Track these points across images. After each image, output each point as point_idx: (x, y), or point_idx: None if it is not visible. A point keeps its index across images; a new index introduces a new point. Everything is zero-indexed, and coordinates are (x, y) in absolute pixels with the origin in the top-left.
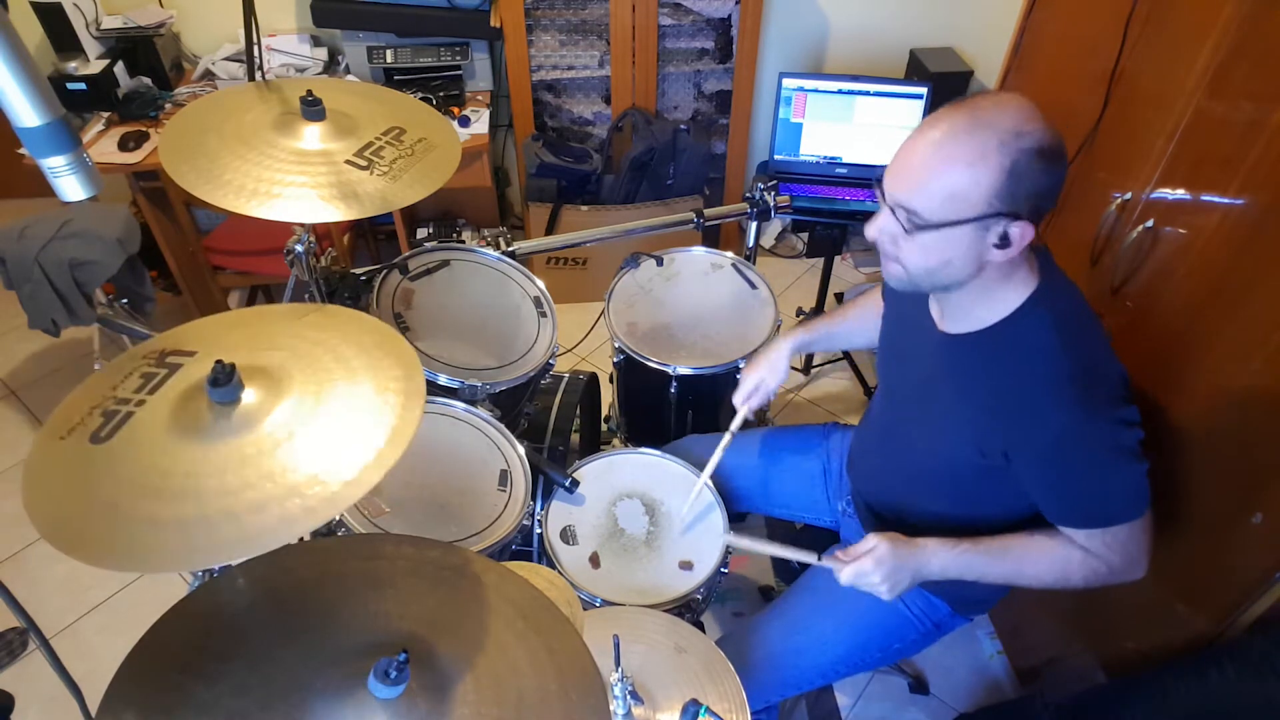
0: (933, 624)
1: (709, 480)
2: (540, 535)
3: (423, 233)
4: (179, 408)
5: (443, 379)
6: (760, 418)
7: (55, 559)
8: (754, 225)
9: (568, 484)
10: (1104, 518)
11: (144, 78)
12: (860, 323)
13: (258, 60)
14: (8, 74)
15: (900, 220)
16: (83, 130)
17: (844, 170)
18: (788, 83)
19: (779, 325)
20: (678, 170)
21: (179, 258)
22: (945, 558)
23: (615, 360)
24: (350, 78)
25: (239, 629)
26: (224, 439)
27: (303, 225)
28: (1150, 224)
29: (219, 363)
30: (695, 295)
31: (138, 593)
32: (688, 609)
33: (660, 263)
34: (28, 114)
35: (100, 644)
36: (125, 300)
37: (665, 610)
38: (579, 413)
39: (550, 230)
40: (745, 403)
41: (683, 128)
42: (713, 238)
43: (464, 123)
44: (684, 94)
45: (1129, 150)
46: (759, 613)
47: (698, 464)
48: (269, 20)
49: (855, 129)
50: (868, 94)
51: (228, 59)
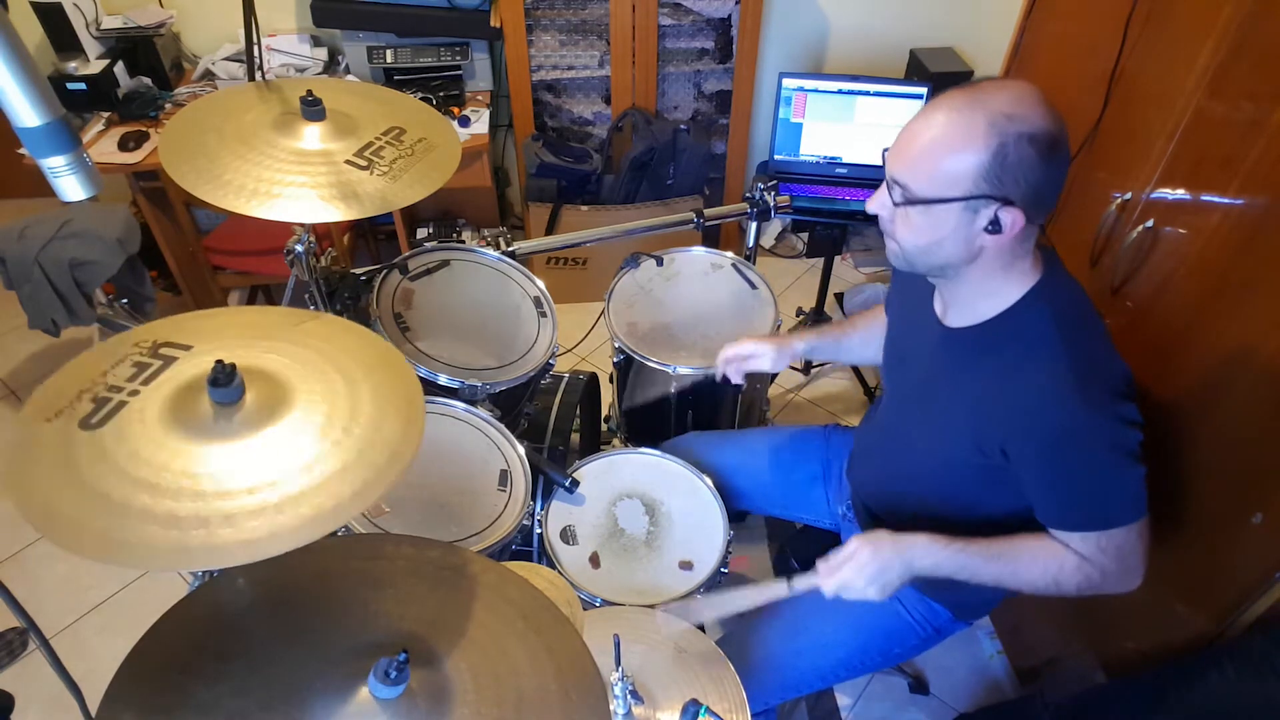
0: (933, 629)
1: (708, 480)
2: (540, 535)
3: (423, 233)
4: (176, 403)
5: (443, 379)
6: (760, 418)
7: (55, 559)
8: (754, 225)
9: (568, 484)
10: (1100, 520)
11: (144, 78)
12: (866, 335)
13: (258, 60)
14: (8, 74)
15: (894, 195)
16: (83, 130)
17: (844, 170)
18: (788, 83)
19: (779, 325)
20: (678, 170)
21: (179, 258)
22: (938, 555)
23: (615, 360)
24: (350, 78)
25: (239, 629)
26: (223, 439)
27: (303, 225)
28: (1150, 224)
29: (219, 362)
30: (695, 295)
31: (138, 593)
32: None
33: (660, 263)
34: (28, 114)
35: (100, 644)
36: (125, 300)
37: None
38: (579, 413)
39: (550, 230)
40: (727, 363)
41: (683, 128)
42: (713, 238)
43: (464, 123)
44: (684, 94)
45: (1129, 150)
46: (759, 614)
47: (697, 463)
48: (269, 20)
49: (855, 129)
50: (868, 94)
51: (228, 59)
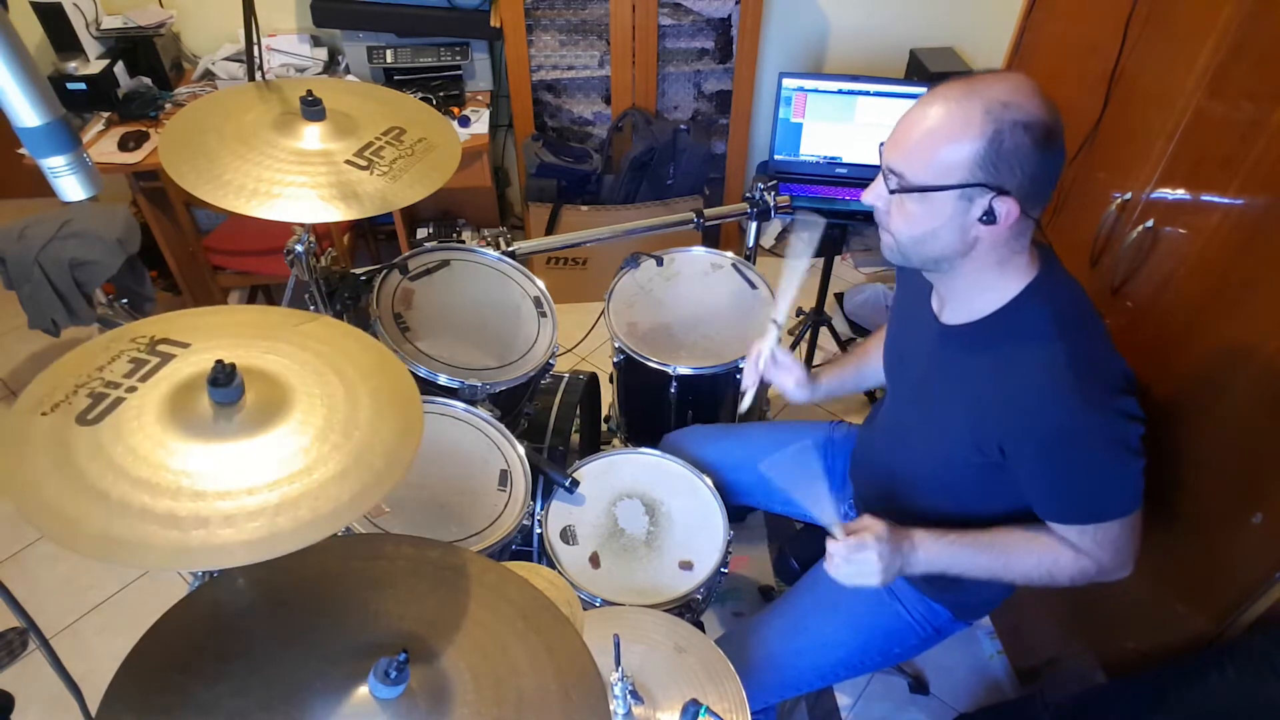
0: (933, 629)
1: (708, 480)
2: (540, 535)
3: (423, 233)
4: (174, 401)
5: (443, 379)
6: (760, 418)
7: (55, 559)
8: (754, 225)
9: (568, 484)
10: (1097, 513)
11: (144, 78)
12: (878, 355)
13: (258, 60)
14: (8, 74)
15: (890, 183)
16: (83, 130)
17: (844, 170)
18: (788, 83)
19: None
20: (678, 170)
21: (179, 258)
22: (932, 549)
23: (615, 360)
24: (350, 78)
25: (239, 629)
26: (222, 439)
27: (303, 225)
28: (1150, 224)
29: (219, 362)
30: (695, 295)
31: (138, 593)
32: (688, 609)
33: (660, 263)
34: (28, 114)
35: (100, 644)
36: (125, 300)
37: (665, 610)
38: (579, 413)
39: (550, 230)
40: (759, 355)
41: (683, 128)
42: (713, 238)
43: (464, 123)
44: (684, 94)
45: (1129, 150)
46: (759, 613)
47: (699, 456)
48: (269, 20)
49: (855, 129)
50: (868, 94)
51: (228, 59)
